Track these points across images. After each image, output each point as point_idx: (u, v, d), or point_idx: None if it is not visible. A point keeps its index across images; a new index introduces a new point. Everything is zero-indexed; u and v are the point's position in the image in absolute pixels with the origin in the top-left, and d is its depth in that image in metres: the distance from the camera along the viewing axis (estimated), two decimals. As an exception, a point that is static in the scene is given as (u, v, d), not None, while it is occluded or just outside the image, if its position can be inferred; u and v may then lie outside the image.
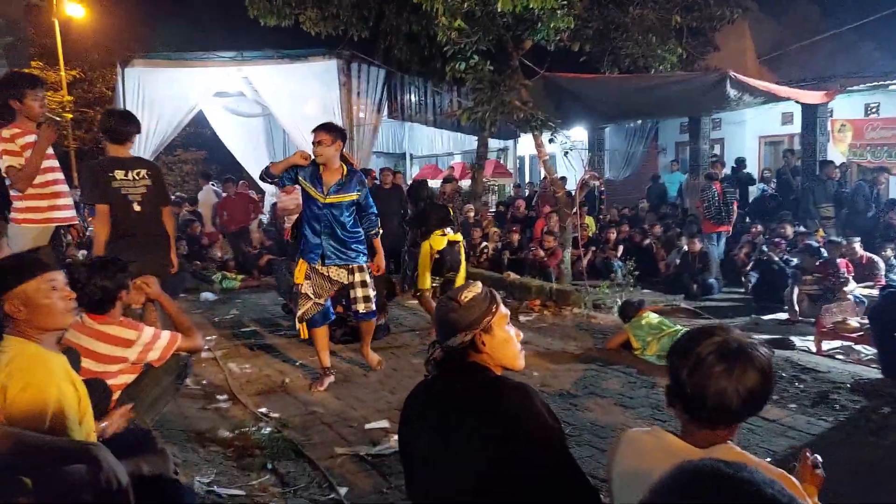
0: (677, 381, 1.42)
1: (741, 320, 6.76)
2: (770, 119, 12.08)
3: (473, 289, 1.79)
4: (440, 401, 1.73)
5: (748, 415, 1.40)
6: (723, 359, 1.36)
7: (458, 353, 1.75)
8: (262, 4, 8.65)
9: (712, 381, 1.35)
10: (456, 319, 1.73)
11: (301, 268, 4.38)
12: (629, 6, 8.40)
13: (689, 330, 1.54)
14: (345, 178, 4.26)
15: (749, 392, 1.35)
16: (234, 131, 13.53)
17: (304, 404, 4.13)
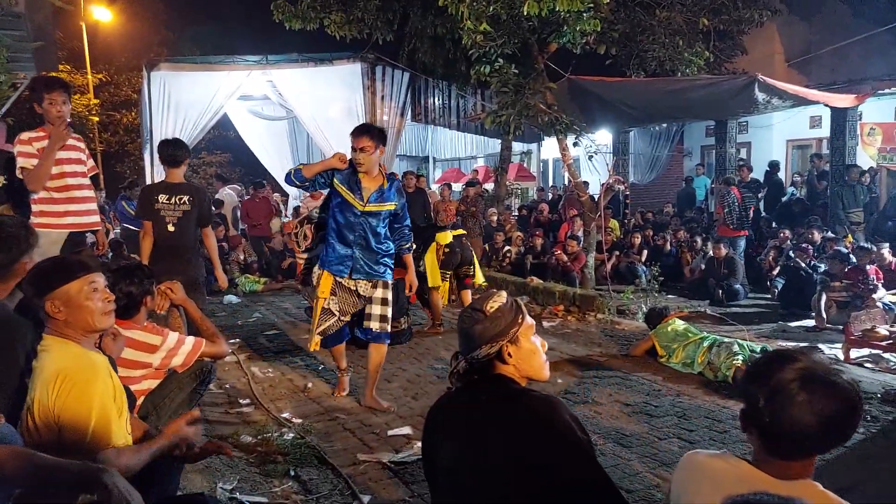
0: (754, 408, 1.34)
1: (767, 327, 6.67)
2: (798, 122, 11.87)
3: (499, 298, 1.74)
4: (465, 413, 1.71)
5: (828, 448, 1.34)
6: (805, 387, 1.28)
7: (483, 365, 1.71)
8: (287, 9, 8.74)
9: (792, 410, 1.27)
10: (481, 331, 1.69)
11: (326, 280, 4.01)
12: (656, 9, 8.32)
13: (769, 353, 1.47)
14: (385, 186, 3.95)
15: (831, 424, 1.27)
16: (258, 134, 13.70)
17: (326, 410, 4.15)
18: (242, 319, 7.17)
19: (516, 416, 1.63)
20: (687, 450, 3.43)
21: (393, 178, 4.10)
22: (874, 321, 5.53)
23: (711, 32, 8.80)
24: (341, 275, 3.96)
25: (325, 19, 8.77)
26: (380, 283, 4.05)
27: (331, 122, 10.55)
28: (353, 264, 3.95)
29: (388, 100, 10.69)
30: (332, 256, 3.98)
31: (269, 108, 13.03)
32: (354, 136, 3.85)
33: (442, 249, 6.34)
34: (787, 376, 1.29)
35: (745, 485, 1.29)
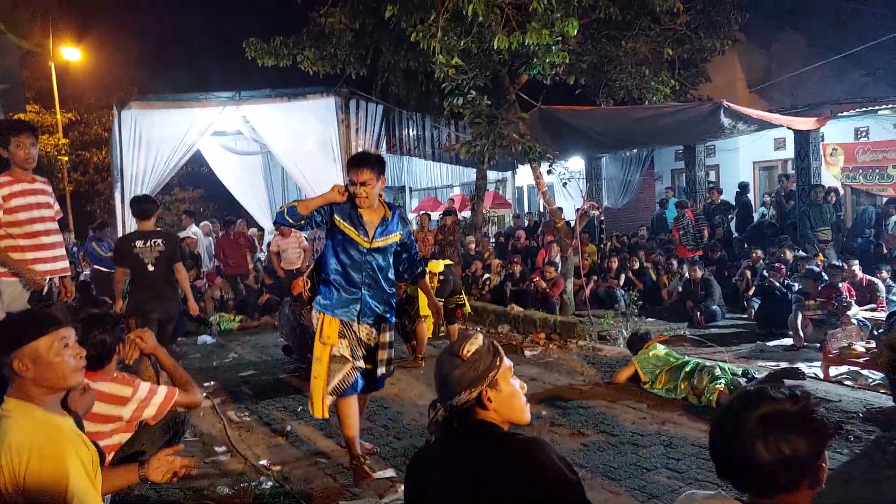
0: (721, 455, 1.35)
1: (746, 347, 6.74)
2: (763, 145, 12.22)
3: (475, 341, 1.69)
4: (449, 464, 1.64)
5: (799, 483, 1.30)
6: (765, 432, 1.27)
7: (464, 411, 1.65)
8: (260, 46, 8.79)
9: (753, 452, 1.27)
10: (459, 376, 1.63)
11: (331, 325, 3.50)
12: (621, 40, 8.54)
13: (735, 396, 1.45)
14: (388, 217, 3.55)
15: (794, 463, 1.26)
16: (231, 169, 13.64)
17: (306, 454, 4.04)
18: (217, 360, 7.01)
19: (503, 464, 1.58)
20: (675, 480, 3.42)
21: (393, 205, 3.73)
22: (851, 338, 5.62)
23: (676, 61, 9.05)
24: (349, 319, 3.52)
25: (298, 55, 8.83)
26: (386, 325, 3.68)
27: (305, 156, 10.56)
28: (360, 307, 3.51)
29: (363, 132, 10.74)
30: (337, 300, 3.51)
31: (243, 144, 12.99)
32: (353, 168, 3.46)
33: (436, 278, 6.33)
34: (749, 424, 1.28)
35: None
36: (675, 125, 8.80)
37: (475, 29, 7.04)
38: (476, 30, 7.05)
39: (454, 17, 7.07)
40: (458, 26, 7.12)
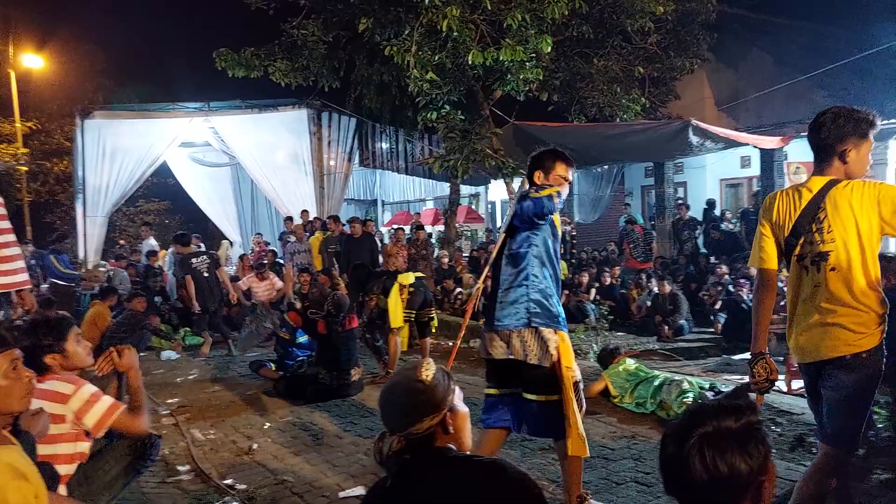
0: (666, 472, 1.34)
1: (713, 361, 6.82)
2: (730, 163, 12.51)
3: (430, 366, 1.64)
4: (417, 500, 1.55)
5: (740, 502, 1.28)
6: (704, 450, 1.25)
7: (423, 439, 1.57)
8: (230, 57, 8.71)
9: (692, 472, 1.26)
10: (424, 402, 1.57)
11: (567, 345, 2.99)
12: (594, 58, 8.70)
13: (682, 415, 1.43)
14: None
15: (729, 479, 1.25)
16: (199, 181, 13.47)
17: (273, 472, 3.95)
18: (182, 376, 6.85)
19: (472, 490, 1.53)
20: (644, 494, 3.43)
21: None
22: (812, 353, 5.72)
23: (646, 80, 9.24)
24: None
25: (270, 67, 8.76)
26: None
27: (276, 168, 10.49)
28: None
29: (336, 145, 10.71)
30: (561, 309, 3.03)
31: (212, 155, 12.86)
32: (566, 163, 3.20)
33: (406, 290, 6.30)
34: (690, 442, 1.27)
35: None
36: (645, 142, 8.96)
37: (450, 44, 7.09)
38: (450, 45, 7.10)
39: (429, 32, 7.12)
40: (433, 41, 7.17)
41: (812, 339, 2.52)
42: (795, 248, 2.58)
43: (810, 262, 2.53)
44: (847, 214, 2.43)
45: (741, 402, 1.34)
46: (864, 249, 2.43)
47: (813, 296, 2.53)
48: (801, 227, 2.55)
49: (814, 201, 2.51)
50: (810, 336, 2.53)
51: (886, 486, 3.37)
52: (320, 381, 5.60)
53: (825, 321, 2.48)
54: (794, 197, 2.58)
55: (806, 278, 2.56)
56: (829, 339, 2.47)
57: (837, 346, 2.45)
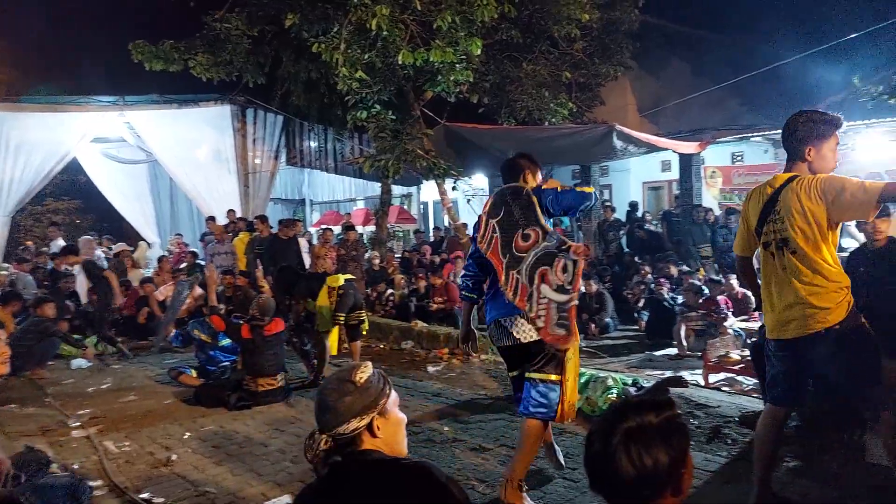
0: (591, 469, 1.37)
1: (636, 357, 7.06)
2: (651, 166, 13.03)
3: (366, 369, 1.68)
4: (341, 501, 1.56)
5: (663, 492, 1.32)
6: (626, 445, 1.29)
7: (350, 440, 1.61)
8: (147, 49, 8.25)
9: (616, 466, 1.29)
10: (351, 403, 1.60)
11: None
12: (523, 62, 8.83)
13: (606, 411, 1.48)
14: None
15: (653, 472, 1.28)
16: (113, 179, 12.78)
17: (193, 484, 3.77)
18: (94, 385, 6.44)
19: (395, 493, 1.53)
20: (571, 490, 3.49)
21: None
22: (728, 347, 6.03)
23: (573, 85, 9.48)
24: None
25: (190, 61, 8.37)
26: None
27: (198, 166, 10.08)
28: None
29: (261, 143, 10.40)
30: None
31: (127, 152, 12.22)
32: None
33: (335, 292, 6.16)
34: (614, 438, 1.30)
35: None
36: (572, 146, 9.18)
37: (379, 43, 7.01)
38: (380, 44, 7.02)
39: (358, 30, 7.01)
40: (362, 39, 7.06)
41: (789, 317, 2.80)
42: (762, 235, 2.92)
43: (775, 248, 2.85)
44: (796, 205, 2.74)
45: (661, 398, 1.39)
46: (818, 235, 2.73)
47: (783, 278, 2.83)
48: (764, 217, 2.89)
49: (774, 195, 2.85)
50: (788, 315, 2.81)
51: (796, 473, 3.57)
52: (244, 388, 5.40)
53: (797, 301, 2.77)
54: (762, 191, 2.94)
55: (773, 262, 2.87)
56: (803, 318, 2.76)
57: (811, 323, 2.74)
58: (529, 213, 3.34)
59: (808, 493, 3.28)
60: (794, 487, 3.39)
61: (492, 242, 3.38)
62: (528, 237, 3.30)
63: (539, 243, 3.28)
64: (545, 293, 3.22)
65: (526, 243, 3.30)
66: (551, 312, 3.20)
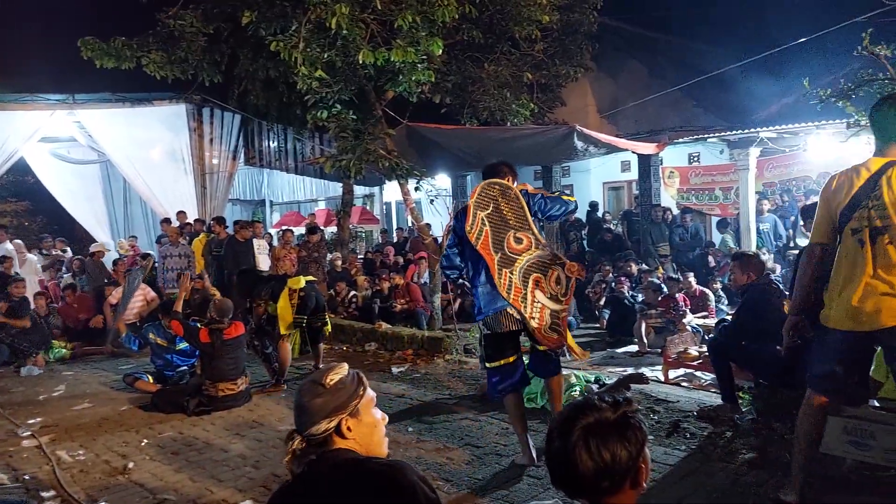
0: (553, 466, 1.38)
1: (598, 355, 7.16)
2: (611, 167, 13.23)
3: (340, 370, 1.69)
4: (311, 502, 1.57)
5: (622, 486, 1.35)
6: (586, 441, 1.32)
7: (322, 442, 1.62)
8: (98, 46, 7.95)
9: (575, 459, 1.32)
10: (321, 404, 1.61)
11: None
12: (484, 62, 8.84)
13: (566, 408, 1.48)
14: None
15: (613, 466, 1.32)
16: (64, 180, 12.33)
17: (152, 492, 3.67)
18: (45, 393, 6.21)
19: (364, 493, 1.53)
20: (536, 487, 3.50)
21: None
22: (686, 343, 6.16)
23: (534, 86, 9.53)
24: None
25: (143, 58, 8.11)
26: None
27: (152, 166, 9.81)
28: None
29: (219, 142, 10.17)
30: None
31: (78, 152, 11.81)
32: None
33: (297, 294, 6.07)
34: (573, 436, 1.33)
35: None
36: (533, 146, 9.24)
37: (339, 42, 6.92)
38: (340, 43, 6.93)
39: (317, 29, 6.90)
40: (322, 38, 6.96)
41: (875, 307, 2.68)
42: (850, 221, 2.75)
43: (868, 237, 2.71)
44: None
45: (617, 394, 1.44)
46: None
47: (872, 268, 2.70)
48: (857, 202, 2.72)
49: (871, 179, 2.70)
50: (873, 303, 2.69)
51: (751, 465, 3.66)
52: (204, 393, 5.27)
53: (887, 291, 2.66)
54: (851, 175, 2.77)
55: (861, 251, 2.73)
56: (891, 308, 2.65)
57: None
58: (520, 216, 3.58)
59: (764, 482, 3.36)
60: (750, 478, 3.48)
61: (481, 235, 3.54)
62: (521, 241, 3.56)
63: (532, 250, 3.55)
64: (539, 299, 3.52)
65: (519, 246, 3.55)
66: (545, 316, 3.53)
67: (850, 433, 3.18)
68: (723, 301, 8.15)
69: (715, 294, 7.98)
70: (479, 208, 3.57)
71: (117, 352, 7.89)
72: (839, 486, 3.27)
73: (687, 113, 11.88)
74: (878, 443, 3.08)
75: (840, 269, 2.84)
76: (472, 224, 3.54)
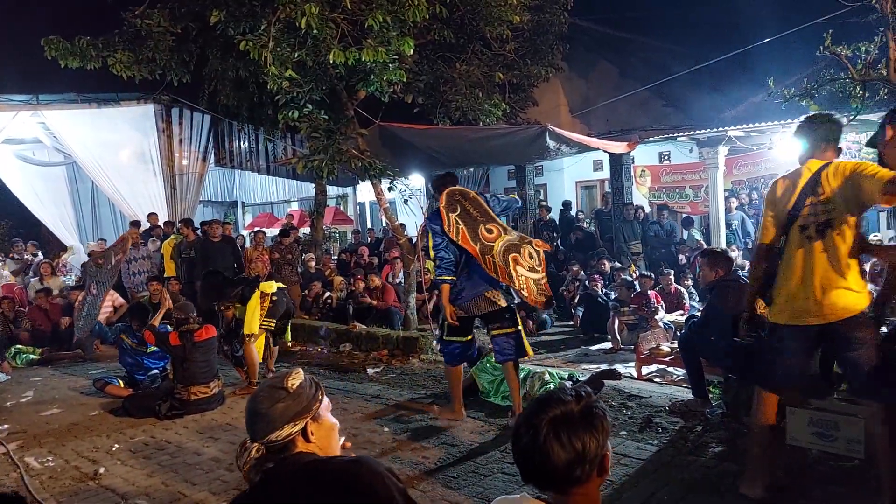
0: (522, 460, 1.41)
1: (573, 352, 7.23)
2: (584, 166, 13.36)
3: (297, 375, 1.68)
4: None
5: (590, 475, 1.39)
6: (554, 432, 1.36)
7: (282, 447, 1.60)
8: (62, 46, 7.76)
9: (545, 450, 1.35)
10: (284, 409, 1.59)
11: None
12: (456, 62, 8.85)
13: (532, 402, 1.52)
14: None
15: (581, 456, 1.36)
16: (28, 182, 12.04)
17: (123, 497, 3.61)
18: (13, 399, 6.06)
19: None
20: (510, 483, 3.52)
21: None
22: (658, 340, 6.24)
23: (506, 85, 9.58)
24: None
25: (109, 58, 7.93)
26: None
27: (120, 167, 9.63)
28: None
29: (188, 143, 10.01)
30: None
31: (43, 153, 11.54)
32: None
33: (269, 298, 6.05)
34: (541, 430, 1.36)
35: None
36: (506, 146, 9.28)
37: (309, 41, 6.86)
38: (310, 42, 6.87)
39: (287, 28, 6.84)
40: (292, 38, 6.89)
41: (827, 300, 2.77)
42: (797, 219, 2.86)
43: (815, 231, 2.81)
44: (837, 187, 2.75)
45: (579, 388, 1.48)
46: (853, 216, 2.76)
47: (824, 262, 2.79)
48: (802, 200, 2.85)
49: (813, 178, 2.85)
50: (828, 297, 2.78)
51: (720, 457, 3.73)
52: (176, 396, 5.19)
53: (838, 285, 2.76)
54: (795, 178, 2.93)
55: (811, 247, 2.83)
56: (843, 300, 2.75)
57: (850, 305, 2.75)
58: (483, 210, 4.32)
59: (733, 474, 3.43)
60: (719, 469, 3.54)
61: (459, 232, 4.25)
62: (492, 231, 4.27)
63: (503, 236, 4.28)
64: (521, 273, 4.24)
65: (491, 235, 4.26)
66: (531, 285, 4.26)
67: (815, 424, 3.26)
68: (694, 297, 8.29)
69: (687, 290, 8.11)
70: (450, 211, 4.24)
71: (87, 356, 7.72)
72: (805, 476, 3.35)
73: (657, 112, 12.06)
74: (841, 433, 3.17)
75: (790, 267, 2.94)
76: (449, 225, 4.22)
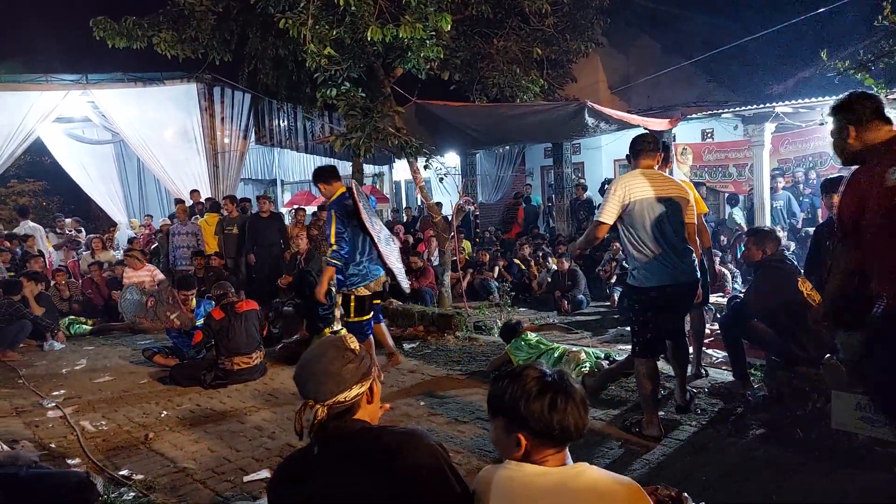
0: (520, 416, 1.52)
1: (609, 332, 7.16)
2: (623, 144, 12.99)
3: (352, 338, 1.71)
4: (329, 469, 1.55)
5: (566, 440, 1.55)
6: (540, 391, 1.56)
7: (346, 410, 1.61)
8: (110, 26, 7.96)
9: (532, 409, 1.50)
10: (354, 370, 1.62)
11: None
12: (494, 38, 8.74)
13: (520, 366, 1.67)
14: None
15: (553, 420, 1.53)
16: (79, 160, 12.43)
17: (172, 461, 3.76)
18: (68, 367, 6.35)
19: (390, 457, 1.54)
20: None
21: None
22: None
23: (544, 61, 9.42)
24: None
25: (154, 38, 8.10)
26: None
27: (164, 145, 9.85)
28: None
29: (229, 122, 10.17)
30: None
31: (92, 132, 11.88)
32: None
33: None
34: (529, 383, 1.54)
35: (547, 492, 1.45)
36: (544, 123, 9.16)
37: (348, 19, 6.86)
38: (349, 20, 6.87)
39: (326, 6, 6.85)
40: (330, 15, 6.90)
41: None
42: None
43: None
44: None
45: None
46: None
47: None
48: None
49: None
50: None
51: (763, 440, 3.67)
52: (219, 366, 5.36)
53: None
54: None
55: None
56: None
57: None
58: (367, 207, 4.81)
59: (775, 458, 3.38)
60: (762, 453, 3.49)
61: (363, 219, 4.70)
62: (374, 224, 4.85)
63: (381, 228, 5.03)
64: (396, 257, 5.12)
65: (376, 226, 4.87)
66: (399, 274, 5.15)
67: (862, 409, 3.18)
68: (737, 278, 8.11)
69: (731, 273, 7.94)
70: (360, 199, 4.65)
71: (135, 328, 8.01)
72: (851, 461, 3.28)
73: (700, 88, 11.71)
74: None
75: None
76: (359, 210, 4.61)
